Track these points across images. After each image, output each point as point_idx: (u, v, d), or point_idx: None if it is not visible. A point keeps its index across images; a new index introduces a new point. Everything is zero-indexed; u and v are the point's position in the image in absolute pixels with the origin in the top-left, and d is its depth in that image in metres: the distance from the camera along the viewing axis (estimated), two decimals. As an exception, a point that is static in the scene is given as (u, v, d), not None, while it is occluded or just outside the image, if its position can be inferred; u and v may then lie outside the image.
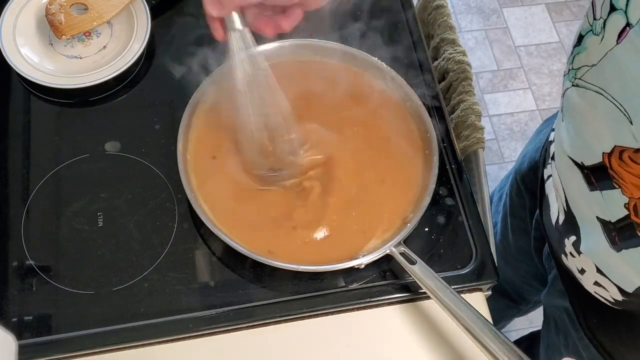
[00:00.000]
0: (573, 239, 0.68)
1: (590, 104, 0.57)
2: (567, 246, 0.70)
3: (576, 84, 0.60)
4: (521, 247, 0.96)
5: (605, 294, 0.66)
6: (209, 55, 0.77)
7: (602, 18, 0.53)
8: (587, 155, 0.60)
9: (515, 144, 1.83)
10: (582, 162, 0.61)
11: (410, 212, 0.70)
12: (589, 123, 0.58)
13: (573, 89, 0.61)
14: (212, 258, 0.70)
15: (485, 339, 0.60)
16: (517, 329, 1.54)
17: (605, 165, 0.56)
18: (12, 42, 0.79)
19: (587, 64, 0.57)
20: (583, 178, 0.61)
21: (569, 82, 0.62)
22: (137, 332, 0.65)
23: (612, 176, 0.56)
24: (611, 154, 0.55)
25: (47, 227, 0.71)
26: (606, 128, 0.55)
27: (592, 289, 0.69)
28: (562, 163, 0.66)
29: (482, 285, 0.71)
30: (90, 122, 0.78)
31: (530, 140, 0.94)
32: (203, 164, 0.72)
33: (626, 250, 0.59)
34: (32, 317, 0.66)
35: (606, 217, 0.59)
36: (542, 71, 1.95)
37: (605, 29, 0.52)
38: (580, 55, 0.59)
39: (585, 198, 0.62)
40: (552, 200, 0.73)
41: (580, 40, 0.59)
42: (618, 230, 0.59)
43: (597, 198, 0.60)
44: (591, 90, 0.56)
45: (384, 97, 0.78)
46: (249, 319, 0.67)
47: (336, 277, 0.69)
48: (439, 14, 0.89)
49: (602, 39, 0.53)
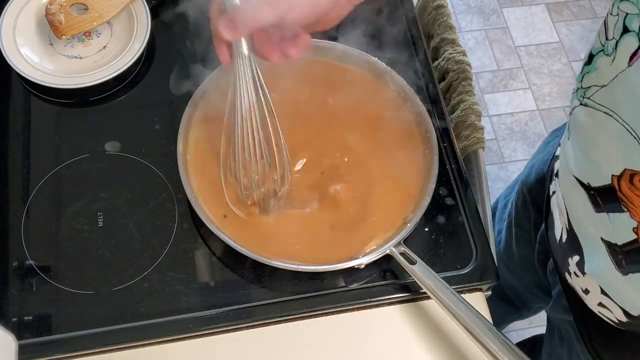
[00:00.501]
0: (577, 259, 0.67)
1: (599, 125, 0.56)
2: (571, 265, 0.68)
3: (585, 103, 0.58)
4: (525, 257, 0.95)
5: (610, 315, 0.65)
6: (209, 55, 0.77)
7: (614, 39, 0.52)
8: (594, 176, 0.58)
9: (515, 144, 1.83)
10: (588, 183, 0.59)
11: (410, 212, 0.70)
12: (597, 144, 0.57)
13: (581, 107, 0.59)
14: (212, 258, 0.70)
15: (485, 339, 0.60)
16: (517, 329, 1.54)
17: (614, 187, 0.55)
18: (12, 42, 0.79)
19: (597, 84, 0.56)
20: (589, 199, 0.60)
21: (577, 100, 0.60)
22: (137, 332, 0.65)
23: (620, 199, 0.55)
24: (621, 176, 0.54)
25: (47, 227, 0.71)
26: (616, 150, 0.54)
27: (596, 309, 0.67)
28: (566, 182, 0.65)
29: (482, 285, 0.70)
30: (90, 122, 0.78)
31: (538, 151, 0.93)
32: (203, 164, 0.72)
33: (633, 275, 0.58)
34: (32, 317, 0.66)
35: (612, 240, 0.58)
36: (542, 71, 1.95)
37: (617, 50, 0.52)
38: (590, 75, 0.57)
39: (590, 219, 0.61)
40: (556, 216, 0.72)
41: (590, 60, 0.57)
42: (625, 254, 0.57)
43: (604, 220, 0.58)
44: (600, 111, 0.55)
45: (384, 97, 0.78)
46: (249, 319, 0.67)
47: (336, 277, 0.69)
48: (439, 14, 0.89)
49: (613, 60, 0.52)
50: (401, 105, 0.77)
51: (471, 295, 0.70)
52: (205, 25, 0.79)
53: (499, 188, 1.75)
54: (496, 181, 1.76)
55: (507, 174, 1.78)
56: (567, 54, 1.98)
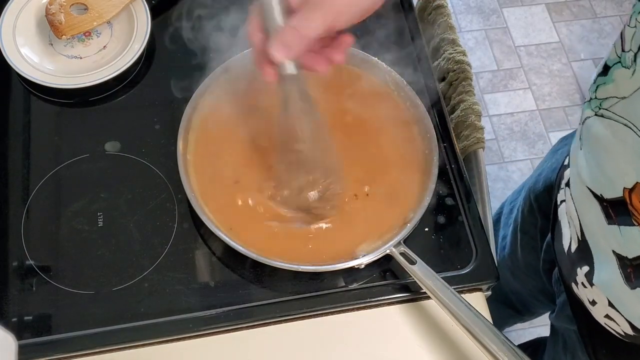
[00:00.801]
0: (586, 270, 0.66)
1: (616, 137, 0.55)
2: (579, 275, 0.68)
3: (600, 114, 0.58)
4: (530, 264, 0.94)
5: (616, 327, 0.65)
6: (209, 54, 0.77)
7: (631, 51, 0.52)
8: (607, 188, 0.58)
9: (515, 144, 1.83)
10: (601, 194, 0.59)
11: (410, 212, 0.70)
12: (612, 155, 0.56)
13: (595, 118, 0.59)
14: (212, 258, 0.70)
15: (485, 339, 0.60)
16: (517, 329, 1.54)
17: (626, 200, 0.55)
18: (12, 42, 0.79)
19: (616, 96, 0.55)
20: (601, 210, 0.59)
21: (590, 110, 0.60)
22: (137, 332, 0.65)
23: (631, 212, 0.54)
24: (632, 190, 0.53)
25: (47, 227, 0.71)
26: (631, 163, 0.53)
27: (603, 320, 0.67)
28: (579, 192, 0.64)
29: (482, 285, 0.70)
30: (90, 122, 0.78)
31: (546, 159, 0.92)
32: (203, 164, 0.72)
33: None
34: (32, 317, 0.66)
35: (623, 253, 0.58)
36: (542, 71, 1.95)
37: (636, 63, 0.51)
38: (606, 86, 0.57)
39: (602, 230, 0.60)
40: (565, 226, 0.71)
41: (606, 71, 0.57)
42: (634, 267, 0.57)
43: (615, 232, 0.58)
44: (619, 123, 0.54)
45: (384, 97, 0.77)
46: (249, 319, 0.67)
47: (336, 277, 0.69)
48: (439, 14, 0.89)
49: (633, 73, 0.52)
50: (401, 105, 0.77)
51: (471, 295, 0.70)
52: (205, 25, 0.80)
53: (499, 188, 1.75)
54: (496, 181, 1.76)
55: (507, 174, 1.78)
56: (567, 54, 1.98)
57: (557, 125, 1.85)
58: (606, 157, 0.58)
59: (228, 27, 0.78)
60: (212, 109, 0.74)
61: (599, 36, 2.02)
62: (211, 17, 0.79)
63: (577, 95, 1.91)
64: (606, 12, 2.06)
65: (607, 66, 0.57)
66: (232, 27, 0.77)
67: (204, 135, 0.73)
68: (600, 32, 2.03)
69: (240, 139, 0.73)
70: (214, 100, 0.75)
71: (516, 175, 1.78)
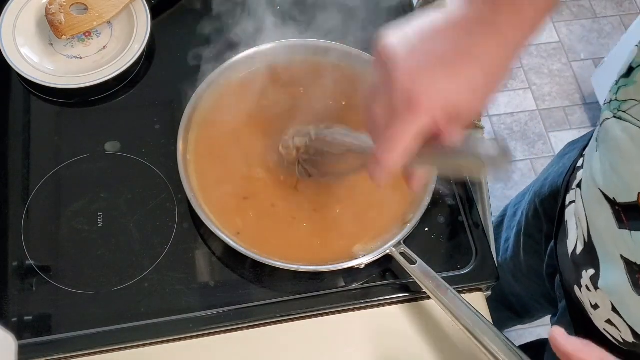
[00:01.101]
0: (591, 273, 0.65)
1: (634, 140, 0.55)
2: (584, 278, 0.67)
3: (619, 117, 0.57)
4: (533, 267, 0.93)
5: (616, 333, 0.64)
6: (209, 54, 0.77)
7: None
8: (621, 191, 0.57)
9: (515, 144, 1.83)
10: (614, 198, 0.58)
11: (410, 212, 0.70)
12: (628, 158, 0.56)
13: (614, 120, 0.58)
14: (212, 258, 0.70)
15: (485, 339, 0.60)
16: (517, 329, 1.54)
17: (639, 205, 0.54)
18: (12, 42, 0.79)
19: (635, 99, 0.55)
20: (613, 214, 0.59)
21: (609, 112, 0.59)
22: (137, 332, 0.65)
23: None
24: None
25: (47, 227, 0.71)
26: None
27: (603, 326, 0.66)
28: (590, 194, 0.63)
29: (482, 285, 0.70)
30: (90, 122, 0.78)
31: (553, 163, 0.91)
32: (203, 164, 0.72)
33: None
34: (32, 317, 0.66)
35: (632, 258, 0.57)
36: (542, 71, 1.95)
37: None
38: (628, 88, 0.56)
39: (611, 234, 0.60)
40: (572, 227, 0.70)
41: (629, 73, 0.56)
42: None
43: (625, 237, 0.57)
44: (637, 127, 0.54)
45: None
46: (249, 319, 0.67)
47: (336, 277, 0.69)
48: (439, 14, 0.89)
49: None
50: (401, 105, 0.77)
51: (471, 295, 0.70)
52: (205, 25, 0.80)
53: (498, 188, 1.75)
54: (496, 181, 1.76)
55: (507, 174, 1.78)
56: (567, 54, 1.98)
57: (557, 125, 1.85)
58: (622, 161, 0.57)
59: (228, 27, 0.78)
60: (212, 109, 0.74)
61: (599, 36, 2.02)
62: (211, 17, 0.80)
63: (577, 95, 1.91)
64: (606, 12, 2.06)
65: (631, 68, 0.56)
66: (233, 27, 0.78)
67: (204, 135, 0.73)
68: (600, 32, 2.03)
69: (240, 139, 0.73)
70: (214, 100, 0.75)
71: (516, 176, 1.78)
